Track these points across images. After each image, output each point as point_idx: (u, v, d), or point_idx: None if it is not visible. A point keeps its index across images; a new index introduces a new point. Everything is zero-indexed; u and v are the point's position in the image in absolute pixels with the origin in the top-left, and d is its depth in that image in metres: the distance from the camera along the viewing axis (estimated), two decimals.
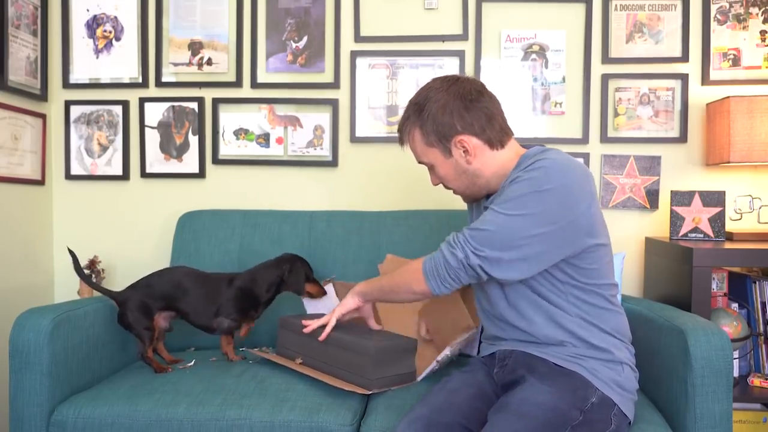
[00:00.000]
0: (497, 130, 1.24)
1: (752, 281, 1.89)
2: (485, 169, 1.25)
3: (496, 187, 1.26)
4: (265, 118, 2.18)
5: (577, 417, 1.11)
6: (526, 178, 1.14)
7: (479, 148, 1.23)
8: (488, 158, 1.24)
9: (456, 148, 1.23)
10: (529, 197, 1.12)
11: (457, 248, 1.16)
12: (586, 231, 1.16)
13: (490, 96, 1.25)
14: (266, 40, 2.18)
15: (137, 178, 2.22)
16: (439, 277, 1.18)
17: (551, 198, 1.12)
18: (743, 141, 1.87)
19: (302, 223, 1.96)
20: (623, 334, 1.25)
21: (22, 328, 1.38)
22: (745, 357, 1.86)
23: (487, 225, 1.14)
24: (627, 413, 1.19)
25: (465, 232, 1.16)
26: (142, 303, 1.59)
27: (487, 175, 1.25)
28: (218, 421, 1.32)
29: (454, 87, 1.23)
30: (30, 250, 2.11)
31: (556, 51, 2.12)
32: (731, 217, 2.08)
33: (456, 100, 1.22)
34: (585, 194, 1.15)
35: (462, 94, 1.22)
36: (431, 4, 2.14)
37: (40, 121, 2.15)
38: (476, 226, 1.16)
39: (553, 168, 1.14)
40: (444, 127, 1.22)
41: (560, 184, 1.12)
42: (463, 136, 1.22)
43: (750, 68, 2.09)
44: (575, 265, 1.18)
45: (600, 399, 1.15)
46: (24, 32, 2.04)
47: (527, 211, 1.12)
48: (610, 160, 2.12)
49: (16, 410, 1.37)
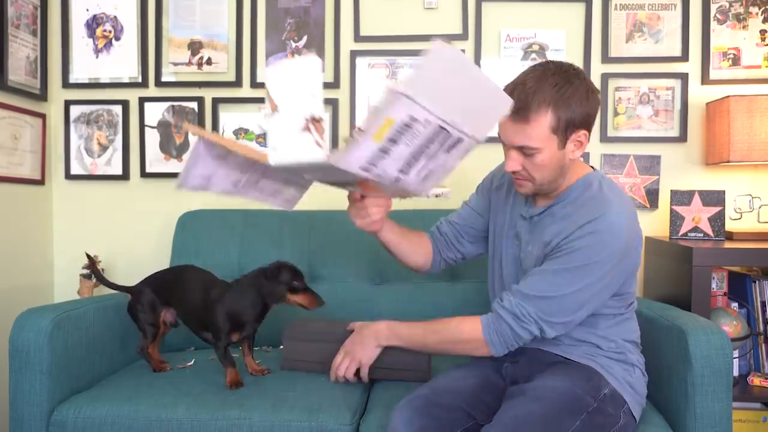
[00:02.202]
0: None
1: (752, 281, 1.89)
2: (570, 168, 1.21)
3: (557, 191, 1.24)
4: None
5: (592, 404, 1.12)
6: (584, 245, 1.13)
7: (584, 148, 1.19)
8: (576, 160, 1.22)
9: (571, 142, 1.16)
10: (591, 267, 1.13)
11: (531, 324, 1.15)
12: (634, 267, 1.23)
13: None
14: (266, 40, 2.18)
15: (137, 178, 2.22)
16: (506, 344, 1.18)
17: (609, 261, 1.14)
18: (743, 140, 1.87)
19: (302, 223, 1.96)
20: (636, 340, 1.29)
21: (22, 328, 1.38)
22: (744, 356, 1.86)
23: (552, 291, 1.14)
24: (635, 414, 1.20)
25: (531, 305, 1.15)
26: (150, 298, 1.60)
27: (567, 174, 1.22)
28: (218, 421, 1.32)
29: (583, 75, 1.16)
30: (30, 250, 2.11)
31: (556, 50, 2.12)
32: (731, 217, 2.08)
33: (591, 94, 1.15)
34: (638, 242, 1.21)
35: (593, 90, 1.16)
36: (431, 4, 2.13)
37: (40, 121, 2.15)
38: (541, 293, 1.14)
39: (613, 233, 1.14)
40: (577, 117, 1.13)
41: (617, 248, 1.14)
42: (585, 131, 1.16)
43: (750, 67, 2.09)
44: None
45: (612, 393, 1.17)
46: (24, 32, 2.04)
47: (592, 278, 1.14)
48: (610, 160, 2.12)
49: (16, 410, 1.37)
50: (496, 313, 1.19)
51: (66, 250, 2.22)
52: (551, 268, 1.15)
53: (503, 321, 1.17)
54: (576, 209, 1.19)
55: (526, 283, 1.17)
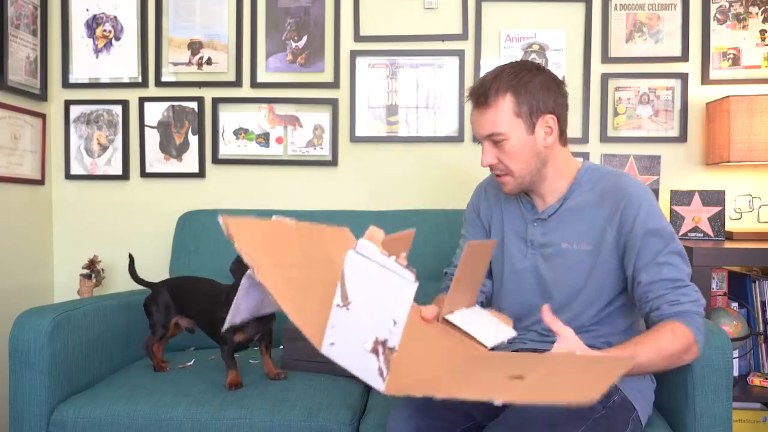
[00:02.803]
0: (566, 127, 1.26)
1: (752, 281, 1.89)
2: (552, 158, 1.23)
3: (551, 185, 1.25)
4: (265, 118, 2.18)
5: (600, 410, 1.11)
6: (647, 214, 1.16)
7: (556, 134, 1.22)
8: (556, 149, 1.23)
9: (540, 127, 1.20)
10: (665, 231, 1.16)
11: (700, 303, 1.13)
12: None
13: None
14: (266, 40, 2.18)
15: (137, 178, 2.22)
16: (705, 336, 1.14)
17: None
18: (743, 140, 1.87)
19: None
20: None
21: (22, 328, 1.38)
22: (744, 356, 1.86)
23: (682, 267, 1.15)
24: (642, 421, 1.20)
25: (693, 289, 1.13)
26: (166, 300, 1.62)
27: (549, 165, 1.23)
28: (218, 421, 1.32)
29: (545, 70, 1.23)
30: (30, 250, 2.11)
31: (556, 50, 2.12)
32: (731, 217, 2.08)
33: (553, 82, 1.22)
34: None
35: (554, 77, 1.23)
36: (431, 4, 2.13)
37: (40, 121, 2.15)
38: (683, 278, 1.13)
39: (646, 190, 1.20)
40: (540, 101, 1.19)
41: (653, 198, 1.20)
42: (552, 116, 1.20)
43: (750, 68, 2.09)
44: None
45: (622, 400, 1.15)
46: (24, 32, 2.04)
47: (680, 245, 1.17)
48: (610, 160, 2.12)
49: (16, 410, 1.37)
50: (685, 314, 1.10)
51: (66, 250, 2.22)
52: (664, 253, 1.14)
53: (698, 315, 1.11)
54: (600, 195, 1.21)
55: (665, 274, 1.13)
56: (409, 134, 2.15)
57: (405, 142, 2.16)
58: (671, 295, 1.10)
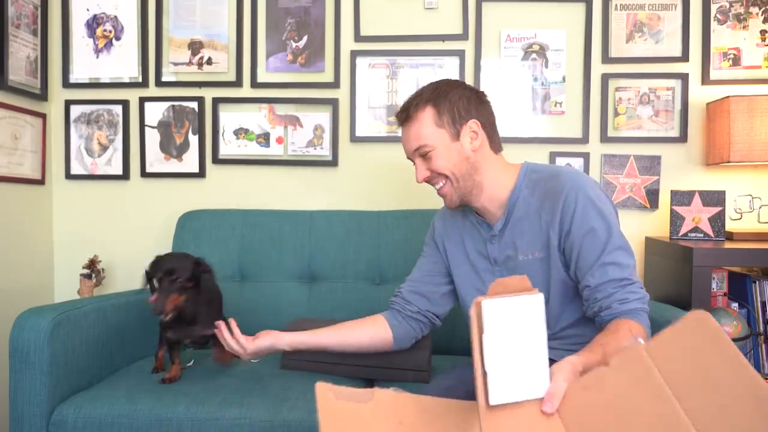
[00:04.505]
0: (497, 136, 1.29)
1: (752, 281, 1.89)
2: (484, 165, 1.25)
3: (491, 195, 1.25)
4: (265, 118, 2.18)
5: None
6: (583, 211, 1.16)
7: (484, 139, 1.25)
8: (488, 155, 1.26)
9: (465, 134, 1.23)
10: (606, 216, 1.16)
11: (645, 300, 1.13)
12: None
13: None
14: (266, 40, 2.18)
15: (137, 178, 2.22)
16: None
17: (605, 200, 1.19)
18: (743, 140, 1.87)
19: (302, 223, 1.96)
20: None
21: (22, 328, 1.38)
22: (745, 356, 1.86)
23: (626, 263, 1.14)
24: None
25: (638, 286, 1.13)
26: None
27: (483, 171, 1.25)
28: (218, 421, 1.32)
29: (464, 85, 1.28)
30: (30, 250, 2.11)
31: (556, 51, 2.12)
32: (731, 217, 2.08)
33: (472, 93, 1.26)
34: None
35: (474, 89, 1.28)
36: (431, 4, 2.13)
37: (40, 121, 2.15)
38: (628, 276, 1.13)
39: (586, 182, 1.19)
40: (461, 110, 1.22)
41: (597, 189, 1.20)
42: (475, 121, 1.23)
43: (750, 68, 2.09)
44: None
45: None
46: (24, 32, 2.04)
47: (621, 237, 1.16)
48: (610, 160, 2.12)
49: (16, 410, 1.37)
50: (635, 311, 1.11)
51: (66, 250, 2.22)
52: (606, 251, 1.13)
53: (645, 312, 1.12)
54: (540, 199, 1.21)
55: (611, 274, 1.13)
56: None
57: None
58: (620, 294, 1.12)
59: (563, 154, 2.11)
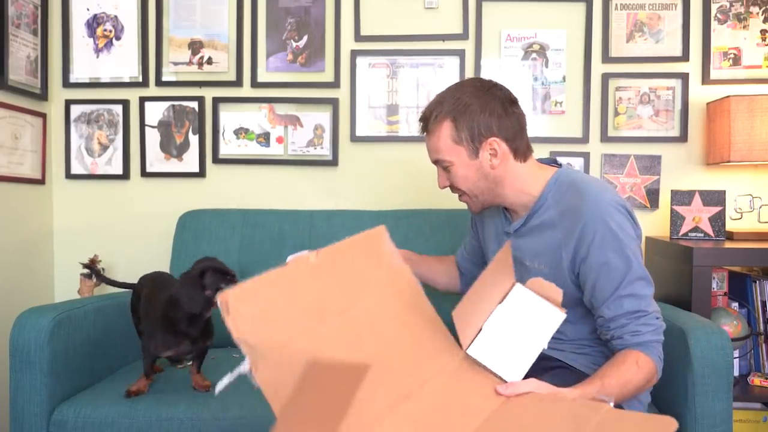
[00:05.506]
0: (525, 143, 1.22)
1: (752, 280, 1.89)
2: (507, 177, 1.21)
3: (515, 201, 1.23)
4: (266, 118, 2.18)
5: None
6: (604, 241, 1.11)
7: (506, 154, 1.19)
8: (511, 167, 1.20)
9: (484, 151, 1.17)
10: (619, 259, 1.11)
11: (660, 331, 1.12)
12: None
13: (521, 109, 1.23)
14: (266, 40, 2.18)
15: (137, 178, 2.22)
16: (663, 361, 1.13)
17: (629, 233, 1.14)
18: (743, 140, 1.87)
19: (302, 223, 1.96)
20: None
21: (23, 328, 1.38)
22: (745, 356, 1.86)
23: (644, 293, 1.11)
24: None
25: (654, 317, 1.11)
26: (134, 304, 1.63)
27: (506, 183, 1.21)
28: (218, 421, 1.32)
29: (493, 90, 1.20)
30: (30, 249, 2.11)
31: (557, 50, 2.12)
32: (731, 217, 2.08)
33: (496, 102, 1.18)
34: (631, 211, 1.19)
35: (501, 98, 1.19)
36: (431, 4, 2.13)
37: (41, 121, 2.15)
38: (644, 308, 1.10)
39: (610, 213, 1.12)
40: (480, 126, 1.16)
41: (624, 220, 1.14)
42: (496, 139, 1.17)
43: (750, 67, 2.09)
44: None
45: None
46: (24, 31, 2.04)
47: (635, 251, 1.13)
48: (610, 160, 2.12)
49: (16, 410, 1.37)
50: (647, 344, 1.10)
51: (66, 250, 2.22)
52: (624, 284, 1.10)
53: (658, 343, 1.11)
54: (560, 212, 1.17)
55: (626, 307, 1.11)
56: (409, 134, 2.15)
57: (405, 142, 2.16)
58: (632, 325, 1.10)
59: (563, 154, 2.11)
